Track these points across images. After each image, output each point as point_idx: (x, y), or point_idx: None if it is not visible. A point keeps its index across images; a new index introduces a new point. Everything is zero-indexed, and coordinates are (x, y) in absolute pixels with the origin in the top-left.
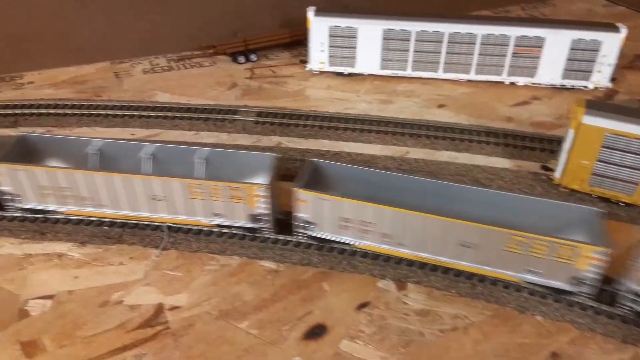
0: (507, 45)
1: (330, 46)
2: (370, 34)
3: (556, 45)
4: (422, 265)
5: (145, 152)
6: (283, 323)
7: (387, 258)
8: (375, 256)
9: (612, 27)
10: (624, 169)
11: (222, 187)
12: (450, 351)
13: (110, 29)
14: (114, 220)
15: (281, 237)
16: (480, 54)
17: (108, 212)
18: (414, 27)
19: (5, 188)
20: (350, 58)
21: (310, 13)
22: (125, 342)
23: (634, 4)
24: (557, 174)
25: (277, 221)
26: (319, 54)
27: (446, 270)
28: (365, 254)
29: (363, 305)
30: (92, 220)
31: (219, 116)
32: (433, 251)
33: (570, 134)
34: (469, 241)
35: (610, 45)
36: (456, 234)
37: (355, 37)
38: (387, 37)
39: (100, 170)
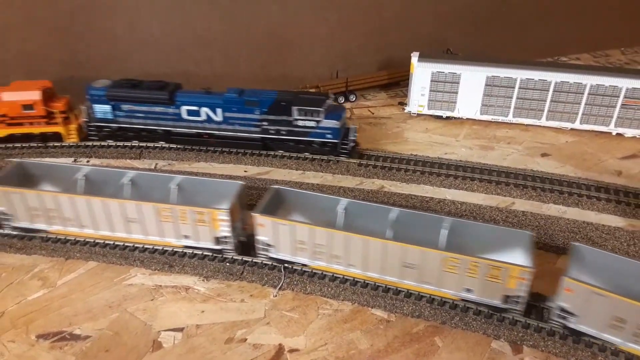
0: (617, 97)
1: (431, 90)
2: (473, 80)
3: None
4: (539, 329)
5: (125, 178)
6: None
7: (502, 318)
8: (489, 315)
9: None
10: None
11: (188, 211)
12: None
13: (226, 68)
14: (236, 258)
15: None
16: (587, 104)
17: (89, 232)
18: (519, 74)
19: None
20: (450, 102)
21: (414, 58)
22: None
23: None
24: None
25: (240, 243)
26: (419, 98)
27: (565, 336)
28: (478, 312)
29: None
30: (216, 257)
31: (324, 157)
32: (378, 271)
33: None
34: (409, 262)
35: None
36: (397, 255)
37: (457, 83)
38: (490, 83)
39: (83, 194)
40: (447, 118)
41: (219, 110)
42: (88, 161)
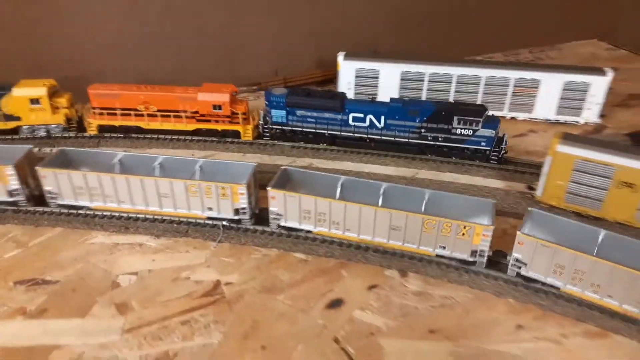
0: (508, 86)
1: (356, 85)
2: (390, 75)
3: (551, 86)
4: (422, 258)
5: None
6: (310, 297)
7: (394, 252)
8: (385, 251)
9: (599, 71)
10: (592, 188)
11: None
12: (438, 321)
13: (180, 66)
14: (182, 219)
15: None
16: (484, 93)
17: (125, 207)
18: (428, 69)
19: (48, 188)
20: (372, 95)
21: (340, 57)
22: (193, 305)
23: (635, 48)
24: (538, 193)
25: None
26: (346, 91)
27: (439, 263)
28: (376, 250)
29: (372, 287)
30: (165, 219)
31: (262, 141)
32: (370, 234)
33: (548, 160)
34: (396, 225)
35: (598, 86)
36: (386, 219)
37: (377, 78)
38: (405, 77)
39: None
40: None
41: (382, 118)
42: (51, 150)
